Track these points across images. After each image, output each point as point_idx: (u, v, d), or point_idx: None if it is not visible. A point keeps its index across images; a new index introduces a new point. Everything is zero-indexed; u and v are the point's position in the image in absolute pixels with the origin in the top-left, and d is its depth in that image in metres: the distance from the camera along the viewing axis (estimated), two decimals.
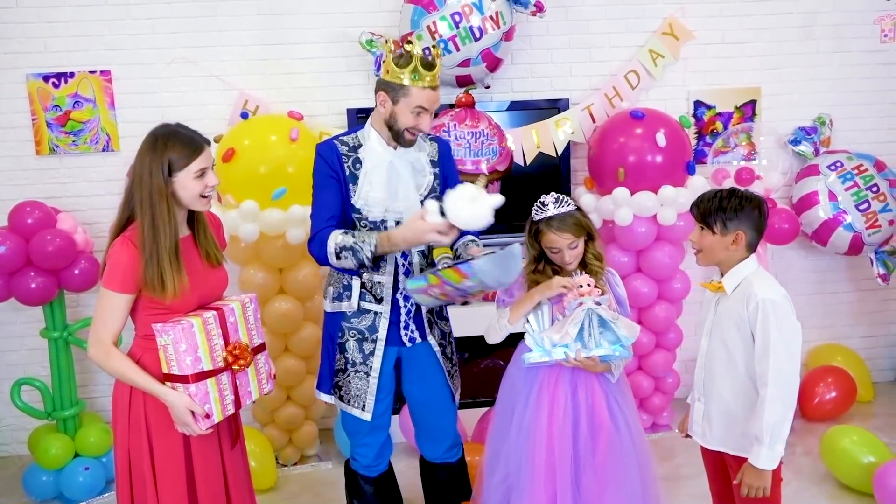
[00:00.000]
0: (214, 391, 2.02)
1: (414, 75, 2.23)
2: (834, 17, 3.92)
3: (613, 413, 2.26)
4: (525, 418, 2.29)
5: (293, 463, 3.56)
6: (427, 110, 2.27)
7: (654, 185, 3.43)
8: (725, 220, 2.10)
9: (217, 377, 2.03)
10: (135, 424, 2.06)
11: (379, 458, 2.51)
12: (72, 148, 3.65)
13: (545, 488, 2.22)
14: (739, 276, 2.12)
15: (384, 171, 2.33)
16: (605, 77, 3.85)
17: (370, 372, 2.39)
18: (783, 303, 2.05)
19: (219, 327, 2.03)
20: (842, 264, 4.13)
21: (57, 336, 3.33)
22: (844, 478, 3.10)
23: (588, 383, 2.26)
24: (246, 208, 3.18)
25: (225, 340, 2.05)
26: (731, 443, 2.16)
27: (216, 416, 2.02)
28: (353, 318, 2.41)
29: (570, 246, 2.27)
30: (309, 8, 3.67)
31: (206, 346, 1.99)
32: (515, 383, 2.37)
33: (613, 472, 2.23)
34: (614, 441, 2.23)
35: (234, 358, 2.05)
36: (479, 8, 3.40)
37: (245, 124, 3.44)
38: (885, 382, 4.26)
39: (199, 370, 1.98)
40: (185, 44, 3.63)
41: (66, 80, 3.61)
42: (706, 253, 2.16)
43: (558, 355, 2.19)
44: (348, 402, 2.43)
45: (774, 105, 3.96)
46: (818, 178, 3.80)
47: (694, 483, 3.22)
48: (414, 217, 2.21)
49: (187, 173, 1.99)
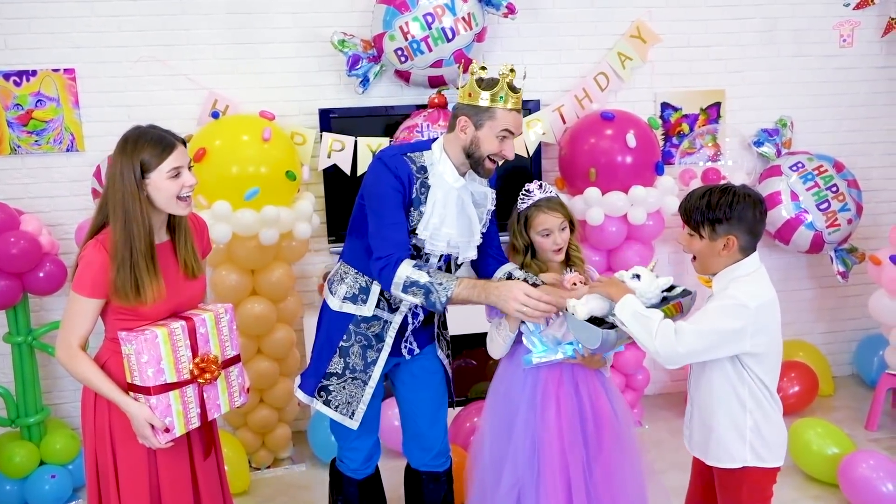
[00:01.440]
0: (178, 404, 1.98)
1: (500, 97, 2.14)
2: (794, 23, 4.04)
3: (613, 405, 2.30)
4: (532, 421, 2.26)
5: (266, 466, 3.52)
6: (513, 134, 2.18)
7: (625, 185, 3.48)
8: (714, 222, 1.93)
9: (181, 390, 1.98)
10: (100, 430, 2.02)
11: (367, 462, 2.46)
12: (34, 148, 3.56)
13: (560, 488, 2.21)
14: (729, 277, 1.97)
15: (453, 203, 2.21)
16: (576, 79, 3.90)
17: (368, 381, 2.32)
18: (752, 309, 1.90)
19: (187, 338, 1.99)
20: (803, 262, 4.26)
21: (21, 341, 3.24)
22: (809, 469, 3.19)
23: (588, 379, 2.29)
24: (218, 209, 3.13)
25: (193, 352, 2.00)
26: (708, 451, 2.08)
27: (178, 430, 1.98)
28: (363, 322, 2.31)
29: (561, 227, 2.30)
30: (280, 7, 3.64)
31: (170, 357, 1.95)
32: (512, 386, 2.33)
33: (620, 464, 2.26)
34: (617, 431, 2.26)
35: (201, 371, 2.01)
36: (451, 9, 3.42)
37: (216, 124, 3.39)
38: (844, 376, 4.40)
39: (162, 382, 1.94)
40: (152, 42, 3.56)
41: (27, 79, 3.52)
42: (699, 260, 2.03)
43: (567, 352, 2.19)
44: (335, 409, 2.34)
45: (738, 107, 4.07)
46: (781, 178, 3.91)
47: (664, 477, 3.25)
48: (511, 283, 2.08)
49: (160, 173, 1.93)
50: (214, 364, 2.04)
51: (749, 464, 2.04)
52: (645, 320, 1.93)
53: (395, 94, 3.77)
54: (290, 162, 3.28)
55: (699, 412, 2.11)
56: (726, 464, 2.06)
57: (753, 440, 2.03)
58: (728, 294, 1.94)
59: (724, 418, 2.04)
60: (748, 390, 2.02)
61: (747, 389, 2.02)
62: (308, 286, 3.83)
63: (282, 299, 3.38)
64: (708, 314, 1.94)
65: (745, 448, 2.03)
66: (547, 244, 2.30)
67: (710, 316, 1.94)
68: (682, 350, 1.90)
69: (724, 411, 2.04)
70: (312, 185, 3.65)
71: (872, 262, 3.64)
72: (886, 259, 3.54)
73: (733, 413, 2.03)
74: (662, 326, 1.91)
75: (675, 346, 1.90)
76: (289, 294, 3.42)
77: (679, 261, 4.16)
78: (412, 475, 2.56)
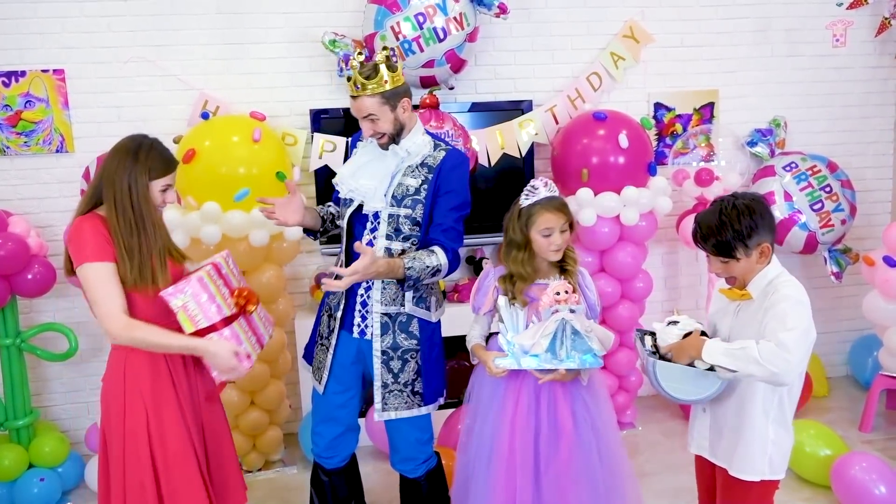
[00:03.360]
0: (242, 333, 2.13)
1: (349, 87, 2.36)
2: (787, 23, 4.03)
3: (577, 417, 2.26)
4: (489, 414, 2.31)
5: (258, 468, 3.50)
6: (364, 118, 2.35)
7: (617, 185, 3.47)
8: (745, 239, 1.94)
9: (238, 321, 2.14)
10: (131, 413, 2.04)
11: (330, 451, 2.55)
12: (23, 149, 3.54)
13: (505, 483, 2.24)
14: (765, 281, 1.99)
15: (368, 155, 2.43)
16: (568, 79, 3.89)
17: (329, 347, 2.47)
18: (807, 305, 1.92)
19: (219, 278, 2.13)
20: (796, 263, 4.24)
21: (9, 343, 3.21)
22: (802, 471, 3.18)
23: (551, 389, 2.27)
24: (207, 210, 3.11)
25: (229, 289, 2.14)
26: (732, 461, 2.06)
27: (253, 356, 2.14)
28: (330, 294, 2.51)
29: (562, 228, 2.27)
30: (270, 7, 3.62)
31: (219, 294, 2.09)
32: (483, 380, 2.38)
33: (577, 473, 2.24)
34: (577, 444, 2.24)
35: (246, 301, 2.15)
36: (442, 9, 3.40)
37: (206, 125, 3.37)
38: (838, 378, 4.39)
39: (225, 315, 2.08)
40: (142, 42, 3.54)
41: (16, 79, 3.49)
42: (741, 278, 2.02)
43: (529, 364, 2.18)
44: (313, 374, 2.56)
45: (731, 107, 4.05)
46: (774, 178, 3.89)
47: (657, 479, 3.28)
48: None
49: (156, 185, 2.11)
50: (253, 294, 2.18)
51: (766, 477, 2.04)
52: (742, 352, 1.89)
53: None
54: (280, 163, 3.27)
55: (727, 421, 2.07)
56: (748, 476, 2.03)
57: (773, 453, 2.03)
58: (783, 295, 1.92)
59: (751, 429, 2.02)
60: (777, 400, 2.02)
61: (777, 399, 2.02)
62: (300, 287, 3.82)
63: (273, 301, 3.36)
64: (788, 317, 1.88)
65: (765, 461, 2.02)
66: (546, 244, 2.28)
67: (791, 318, 1.88)
68: (795, 359, 1.86)
69: (752, 422, 2.02)
70: (304, 185, 3.63)
71: (866, 262, 3.63)
72: (880, 260, 3.53)
73: (759, 424, 2.02)
74: (763, 348, 1.87)
75: (787, 358, 1.85)
76: (280, 296, 3.40)
77: (672, 262, 4.15)
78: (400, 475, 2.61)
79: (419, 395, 2.45)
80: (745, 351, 1.89)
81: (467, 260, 3.95)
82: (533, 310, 2.26)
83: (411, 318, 2.42)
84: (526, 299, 2.29)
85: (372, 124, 2.35)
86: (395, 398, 2.42)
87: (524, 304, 2.28)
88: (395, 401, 2.42)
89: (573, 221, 2.34)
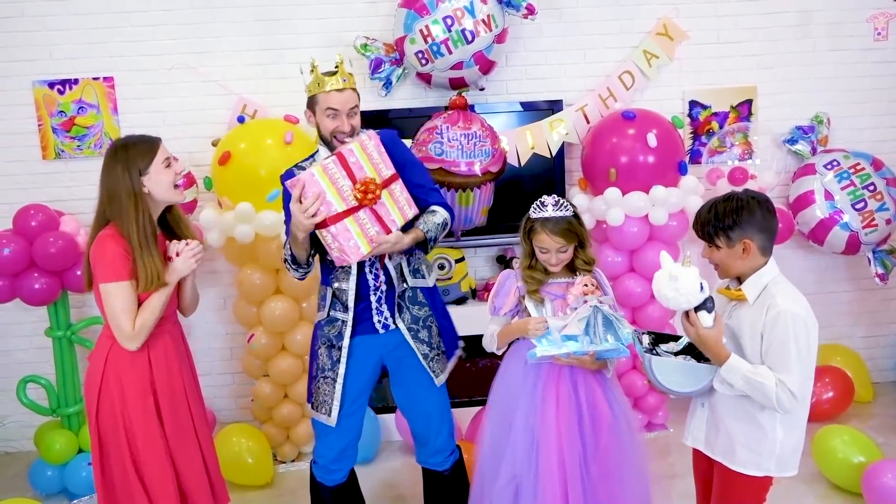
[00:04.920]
0: (355, 227, 2.21)
1: (316, 84, 2.38)
2: (828, 16, 3.90)
3: (612, 406, 2.30)
4: (530, 417, 2.30)
5: (291, 460, 3.63)
6: (339, 111, 2.36)
7: (646, 185, 3.44)
8: (727, 230, 1.99)
9: (354, 215, 2.21)
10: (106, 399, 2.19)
11: (337, 463, 2.54)
12: (76, 152, 3.76)
13: (558, 485, 2.24)
14: (760, 284, 2.01)
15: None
16: (600, 78, 3.87)
17: (336, 378, 2.47)
18: (807, 318, 1.94)
19: (341, 169, 2.19)
20: (841, 263, 4.12)
21: (61, 335, 3.42)
22: (834, 477, 3.10)
23: (587, 380, 2.30)
24: (241, 210, 3.25)
25: (352, 180, 2.21)
26: (735, 457, 2.07)
27: (364, 249, 2.23)
28: (325, 325, 2.51)
29: (560, 250, 2.31)
30: (305, 13, 3.74)
31: (332, 189, 2.17)
32: (513, 383, 2.38)
33: (618, 464, 2.27)
34: (615, 432, 2.27)
35: (363, 194, 2.21)
36: (470, 11, 3.44)
37: (241, 128, 3.51)
38: (885, 382, 4.23)
39: (334, 212, 2.17)
40: (184, 50, 3.71)
41: (70, 87, 3.71)
42: (722, 268, 2.07)
43: (570, 348, 2.20)
44: (317, 409, 2.52)
45: (771, 104, 3.96)
46: (814, 177, 3.79)
47: (684, 482, 3.23)
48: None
49: (156, 166, 2.19)
50: (373, 184, 2.22)
51: (772, 474, 2.05)
52: (760, 387, 1.94)
53: (419, 97, 3.82)
54: None
55: (724, 417, 2.08)
56: (752, 471, 2.05)
57: (782, 452, 2.04)
58: (779, 312, 1.93)
59: (759, 429, 2.04)
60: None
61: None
62: None
63: (304, 298, 3.47)
64: (789, 350, 1.92)
65: (772, 459, 2.04)
66: (543, 259, 2.35)
67: (791, 350, 1.92)
68: (800, 396, 1.94)
69: (760, 421, 2.03)
70: None
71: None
72: None
73: (767, 424, 2.03)
74: (780, 395, 1.92)
75: (796, 404, 1.94)
76: (311, 293, 3.50)
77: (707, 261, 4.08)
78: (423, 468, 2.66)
79: (444, 352, 2.60)
80: (763, 389, 1.94)
81: (497, 259, 3.98)
82: (559, 306, 2.31)
83: (415, 290, 2.53)
84: (544, 296, 2.33)
85: (350, 119, 2.38)
86: (437, 363, 2.55)
87: (540, 300, 2.33)
88: (437, 365, 2.55)
89: (583, 237, 2.34)
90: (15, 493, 3.36)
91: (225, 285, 3.86)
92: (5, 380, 3.77)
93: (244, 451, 3.36)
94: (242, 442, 3.38)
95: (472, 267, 3.95)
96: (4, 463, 3.80)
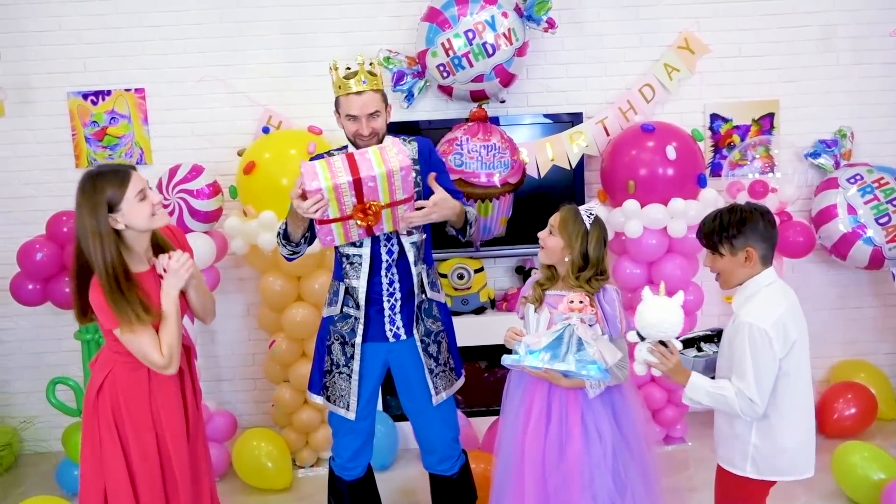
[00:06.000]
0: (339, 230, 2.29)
1: (338, 86, 2.39)
2: (850, 30, 3.89)
3: (588, 427, 2.27)
4: (511, 420, 2.38)
5: (310, 465, 3.68)
6: (357, 115, 2.36)
7: (665, 197, 3.45)
8: (730, 238, 2.09)
9: (344, 222, 2.26)
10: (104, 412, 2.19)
11: (353, 462, 2.61)
12: (108, 161, 3.87)
13: (513, 488, 2.31)
14: (746, 294, 2.10)
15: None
16: (620, 91, 3.89)
17: (352, 374, 2.52)
18: (769, 329, 2.01)
19: (347, 167, 2.18)
20: (864, 279, 4.07)
21: (89, 338, 3.52)
22: (854, 494, 3.06)
23: (563, 395, 2.30)
24: (265, 219, 3.32)
25: (356, 180, 2.17)
26: (719, 449, 2.22)
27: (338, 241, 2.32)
28: (338, 321, 2.55)
29: (549, 231, 2.35)
30: (329, 27, 3.82)
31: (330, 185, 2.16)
32: (510, 388, 2.45)
33: (583, 484, 2.23)
34: (584, 454, 2.24)
35: (363, 214, 2.24)
36: (492, 25, 3.50)
37: (266, 139, 3.60)
38: None
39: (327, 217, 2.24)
40: (213, 62, 3.82)
41: (103, 98, 3.84)
42: (724, 276, 2.16)
43: (530, 362, 2.23)
44: (334, 403, 2.56)
45: (793, 118, 3.94)
46: (837, 191, 3.76)
47: (701, 495, 3.22)
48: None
49: (129, 202, 2.09)
50: (376, 205, 2.23)
51: (749, 475, 2.12)
52: (722, 398, 2.07)
53: (440, 109, 3.88)
54: None
55: (716, 414, 2.22)
56: (728, 466, 2.18)
57: (756, 456, 2.11)
58: (740, 324, 2.05)
59: (729, 429, 2.15)
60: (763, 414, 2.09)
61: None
62: None
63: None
64: (745, 359, 2.03)
65: (746, 462, 2.12)
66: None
67: (748, 360, 2.03)
68: (759, 402, 2.03)
69: (730, 424, 2.14)
70: None
71: None
72: None
73: (739, 429, 2.13)
74: (740, 404, 2.04)
75: (757, 410, 2.04)
76: None
77: None
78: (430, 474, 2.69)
79: (453, 369, 2.61)
80: (725, 400, 2.07)
81: (516, 270, 4.01)
82: (553, 317, 2.32)
83: (431, 302, 2.56)
84: (546, 306, 2.35)
85: (371, 122, 2.37)
86: (441, 379, 2.56)
87: (540, 304, 2.34)
88: (441, 382, 2.56)
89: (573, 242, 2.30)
90: (43, 492, 3.45)
91: (249, 292, 3.94)
92: (36, 381, 3.89)
93: (264, 456, 3.42)
94: (262, 446, 3.44)
95: (490, 277, 3.98)
96: (34, 462, 3.92)
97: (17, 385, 3.98)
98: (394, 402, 3.69)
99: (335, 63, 2.40)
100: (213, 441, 3.53)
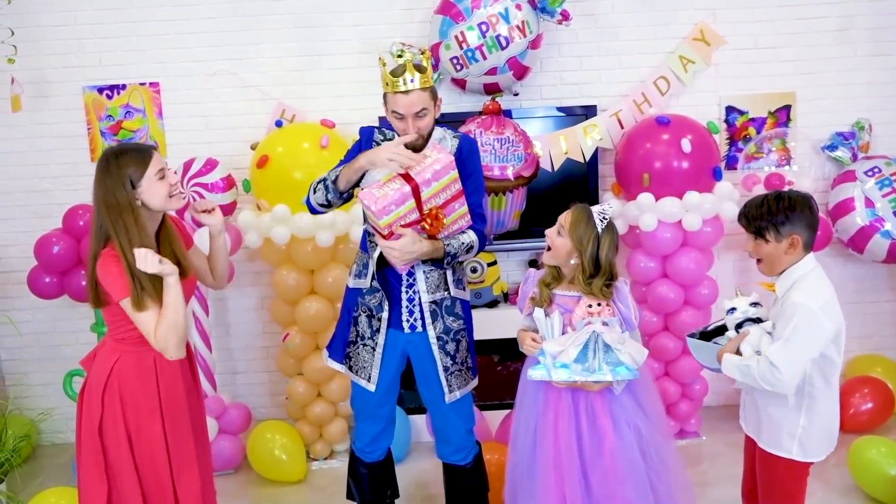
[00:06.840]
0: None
1: (385, 82, 2.35)
2: (869, 21, 3.83)
3: (617, 420, 2.27)
4: (532, 418, 2.35)
5: (323, 458, 3.69)
6: (403, 115, 2.34)
7: (680, 190, 3.43)
8: (778, 225, 2.10)
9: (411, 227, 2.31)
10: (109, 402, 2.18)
11: (372, 446, 2.67)
12: None
13: (554, 486, 2.27)
14: (793, 278, 2.12)
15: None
16: (635, 83, 3.87)
17: (376, 347, 2.53)
18: (818, 312, 2.03)
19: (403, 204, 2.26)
20: (882, 272, 4.03)
21: (105, 331, 3.54)
22: (870, 489, 3.04)
23: (589, 396, 2.29)
24: (278, 212, 3.33)
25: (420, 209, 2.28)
26: (760, 436, 2.23)
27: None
28: (367, 294, 2.54)
29: (558, 231, 2.32)
30: (342, 20, 3.82)
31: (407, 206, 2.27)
32: (527, 385, 2.42)
33: (623, 473, 2.25)
34: (619, 447, 2.25)
35: (432, 220, 2.29)
36: (505, 18, 3.48)
37: (279, 132, 3.60)
38: None
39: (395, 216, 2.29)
40: (226, 56, 3.83)
41: (118, 92, 3.86)
42: (767, 262, 2.17)
43: (560, 376, 2.20)
44: (356, 373, 2.59)
45: (810, 110, 3.90)
46: (854, 184, 3.72)
47: (716, 490, 3.22)
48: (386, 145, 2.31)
49: (148, 179, 2.12)
50: (441, 214, 2.30)
51: (795, 458, 2.15)
52: (747, 370, 2.10)
53: (453, 101, 3.87)
54: None
55: (754, 397, 2.23)
56: (775, 450, 2.19)
57: (803, 437, 2.14)
58: (791, 303, 2.06)
59: (777, 412, 2.17)
60: (808, 389, 2.12)
61: (807, 388, 2.12)
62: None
63: (338, 298, 3.50)
64: (786, 329, 2.04)
65: (793, 443, 2.15)
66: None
67: (789, 331, 2.04)
68: (786, 376, 2.03)
69: (778, 406, 2.16)
70: None
71: None
72: None
73: (787, 410, 2.14)
74: (760, 369, 2.06)
75: (779, 377, 2.04)
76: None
77: (744, 269, 4.04)
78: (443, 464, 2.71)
79: (470, 369, 2.61)
80: (749, 369, 2.10)
81: (530, 263, 4.00)
82: (567, 320, 2.29)
83: (455, 300, 2.55)
84: (556, 307, 2.32)
85: (417, 121, 2.34)
86: (456, 378, 2.56)
87: (549, 304, 2.32)
88: (456, 381, 2.56)
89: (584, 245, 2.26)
90: (60, 483, 3.49)
91: (263, 285, 3.95)
92: (53, 374, 3.92)
93: (278, 448, 3.44)
94: (277, 438, 3.46)
95: (504, 270, 3.98)
96: (52, 453, 3.96)
97: (34, 377, 4.02)
98: (407, 396, 3.69)
99: (383, 59, 2.36)
100: (227, 433, 3.55)
